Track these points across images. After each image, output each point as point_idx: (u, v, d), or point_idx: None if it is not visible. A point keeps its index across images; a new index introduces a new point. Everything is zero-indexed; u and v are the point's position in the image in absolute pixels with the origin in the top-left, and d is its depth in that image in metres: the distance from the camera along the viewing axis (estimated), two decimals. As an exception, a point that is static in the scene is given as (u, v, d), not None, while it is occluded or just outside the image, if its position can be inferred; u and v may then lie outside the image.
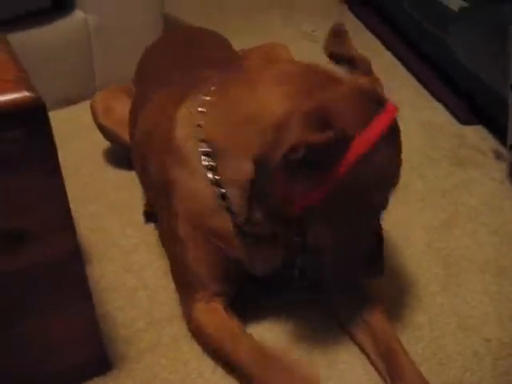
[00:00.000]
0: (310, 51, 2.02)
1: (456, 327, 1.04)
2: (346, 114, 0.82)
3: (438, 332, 1.04)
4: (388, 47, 2.05)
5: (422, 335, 1.03)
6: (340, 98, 0.84)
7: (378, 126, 0.83)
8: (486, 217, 1.30)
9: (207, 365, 0.99)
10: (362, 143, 0.82)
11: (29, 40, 1.60)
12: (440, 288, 1.12)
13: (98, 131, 1.42)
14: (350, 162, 0.81)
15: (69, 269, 0.84)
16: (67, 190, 1.22)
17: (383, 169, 0.86)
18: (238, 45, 2.05)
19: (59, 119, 1.61)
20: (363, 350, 0.98)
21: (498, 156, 1.49)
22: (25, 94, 0.72)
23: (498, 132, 1.51)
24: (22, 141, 0.73)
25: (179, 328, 1.05)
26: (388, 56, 2.00)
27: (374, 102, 0.86)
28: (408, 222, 1.29)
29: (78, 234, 1.26)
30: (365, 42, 2.09)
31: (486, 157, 1.50)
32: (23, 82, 0.74)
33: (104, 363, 0.97)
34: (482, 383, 0.95)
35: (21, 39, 1.58)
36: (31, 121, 0.73)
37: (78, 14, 1.66)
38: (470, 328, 1.05)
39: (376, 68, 1.90)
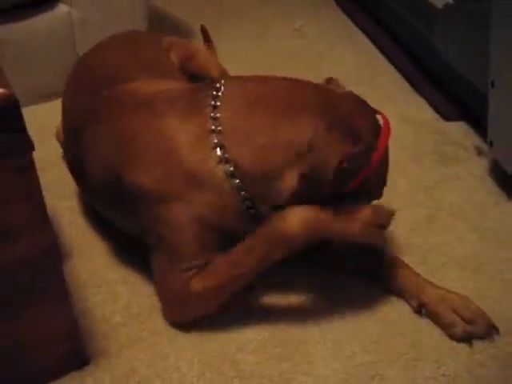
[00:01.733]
0: (298, 47, 2.04)
1: (433, 322, 1.05)
2: (364, 124, 1.01)
3: (415, 327, 1.05)
4: (374, 42, 2.05)
5: (399, 330, 1.04)
6: (353, 111, 1.01)
7: (386, 134, 1.03)
8: (467, 213, 1.31)
9: (185, 360, 1.00)
10: (380, 151, 1.01)
11: (13, 33, 1.60)
12: (418, 283, 1.13)
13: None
14: (375, 163, 1.01)
15: (45, 265, 0.84)
16: (48, 184, 1.23)
17: (387, 158, 1.09)
18: (228, 40, 2.06)
19: (42, 114, 1.62)
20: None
21: (480, 152, 1.50)
22: (-2, 90, 0.72)
23: (481, 128, 1.52)
24: (-6, 137, 0.73)
25: (158, 323, 1.06)
26: (374, 51, 2.01)
27: (372, 110, 1.07)
28: (389, 218, 1.29)
29: (59, 229, 1.27)
30: (351, 37, 2.10)
31: (468, 153, 1.51)
32: (-4, 77, 0.74)
33: (82, 358, 0.97)
34: (457, 377, 0.96)
35: (4, 33, 1.59)
36: (4, 117, 0.73)
37: (61, 8, 1.66)
38: (446, 323, 1.06)
39: (361, 63, 1.93)
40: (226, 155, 0.97)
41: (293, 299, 1.11)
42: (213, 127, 0.98)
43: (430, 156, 1.50)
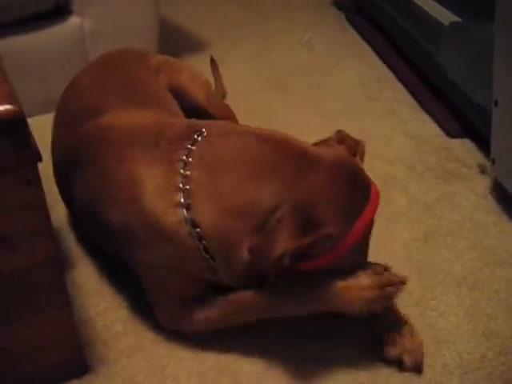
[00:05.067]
0: (304, 61, 2.07)
1: (428, 339, 1.06)
2: (331, 210, 0.89)
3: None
4: (381, 57, 2.07)
5: (394, 347, 1.06)
6: (326, 191, 0.90)
7: (364, 220, 0.92)
8: (467, 231, 1.32)
9: (183, 370, 1.02)
10: (349, 241, 0.91)
11: (26, 44, 1.64)
12: (414, 300, 1.14)
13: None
14: (336, 254, 0.91)
15: (47, 274, 0.87)
16: (56, 194, 1.26)
17: (363, 246, 0.98)
18: (235, 52, 2.09)
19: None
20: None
21: (483, 170, 1.51)
22: (7, 107, 0.75)
23: (485, 146, 1.53)
24: (3, 151, 0.76)
25: (158, 333, 1.08)
26: (381, 67, 2.03)
27: (359, 186, 0.94)
28: (389, 235, 1.31)
29: (65, 238, 1.30)
30: (358, 52, 2.12)
31: (470, 171, 1.52)
32: (6, 95, 0.77)
33: (82, 366, 1.00)
34: (449, 395, 0.98)
35: (18, 44, 1.62)
36: (12, 132, 0.76)
37: (73, 20, 1.69)
38: (442, 341, 1.07)
39: (368, 78, 1.95)
40: (192, 216, 0.92)
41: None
42: (181, 185, 0.93)
43: (432, 172, 1.51)
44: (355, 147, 1.01)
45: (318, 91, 1.88)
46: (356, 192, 0.93)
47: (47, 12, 1.65)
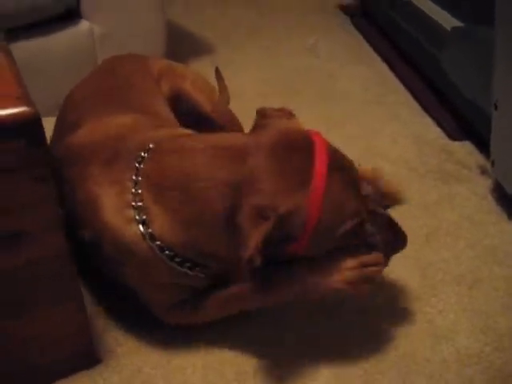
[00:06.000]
0: (309, 64, 2.10)
1: (427, 335, 1.10)
2: (275, 189, 0.90)
3: (409, 339, 1.09)
4: (386, 61, 2.10)
5: (393, 341, 1.09)
6: (264, 176, 0.90)
7: (318, 187, 0.90)
8: (466, 231, 1.35)
9: (189, 363, 1.05)
10: (313, 214, 0.90)
11: (36, 48, 1.68)
12: (414, 297, 1.18)
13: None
14: (312, 225, 0.91)
15: (60, 268, 0.90)
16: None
17: (341, 201, 0.94)
18: (240, 54, 2.13)
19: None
20: None
21: (484, 172, 1.54)
22: (24, 109, 0.79)
23: (486, 148, 1.56)
24: (19, 150, 0.80)
25: (167, 329, 1.10)
26: (385, 70, 2.06)
27: (299, 152, 0.93)
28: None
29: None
30: (363, 56, 2.15)
31: (471, 172, 1.55)
32: (23, 97, 0.81)
33: (92, 358, 1.03)
34: (447, 389, 1.01)
35: (28, 47, 1.66)
36: (28, 133, 0.80)
37: (83, 24, 1.73)
38: (440, 336, 1.10)
39: (372, 82, 1.98)
40: (150, 231, 0.96)
41: (291, 308, 1.16)
42: (133, 203, 0.97)
43: (433, 174, 1.54)
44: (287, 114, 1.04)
45: (323, 95, 1.91)
46: (294, 163, 0.92)
47: (57, 16, 1.69)
